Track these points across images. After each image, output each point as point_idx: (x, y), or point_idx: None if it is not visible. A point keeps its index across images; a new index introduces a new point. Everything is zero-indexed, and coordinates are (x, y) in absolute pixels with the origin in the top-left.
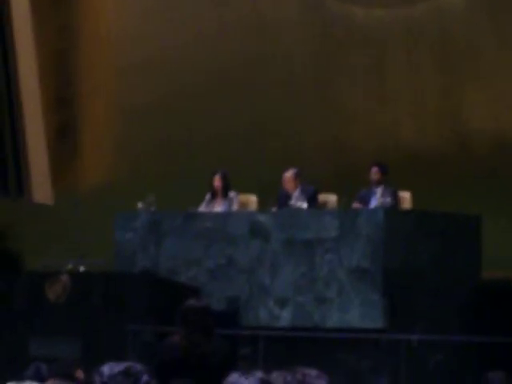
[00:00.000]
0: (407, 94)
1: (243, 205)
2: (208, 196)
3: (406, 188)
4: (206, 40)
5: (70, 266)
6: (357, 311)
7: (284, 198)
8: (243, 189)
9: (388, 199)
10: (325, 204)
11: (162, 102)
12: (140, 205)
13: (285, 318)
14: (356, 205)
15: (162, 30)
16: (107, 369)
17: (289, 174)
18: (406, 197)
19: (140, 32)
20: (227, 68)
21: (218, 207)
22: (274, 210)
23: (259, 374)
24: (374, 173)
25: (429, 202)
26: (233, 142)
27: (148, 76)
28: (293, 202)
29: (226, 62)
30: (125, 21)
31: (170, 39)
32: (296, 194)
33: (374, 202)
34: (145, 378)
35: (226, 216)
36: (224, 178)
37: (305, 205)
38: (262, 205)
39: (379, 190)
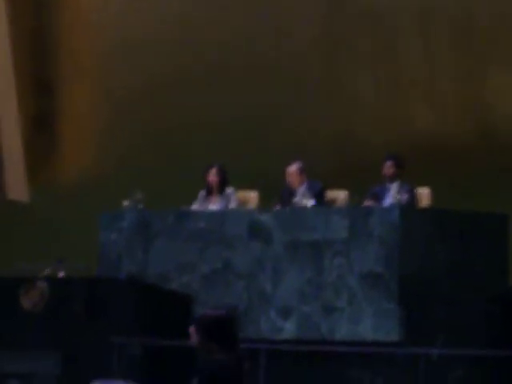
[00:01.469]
0: (423, 78)
1: (242, 202)
2: (202, 193)
3: (423, 184)
4: (203, 18)
5: (47, 271)
6: (369, 322)
7: (288, 195)
8: (242, 184)
9: (404, 196)
10: (333, 201)
11: (152, 88)
12: (126, 202)
13: (288, 329)
14: (368, 202)
15: (155, 3)
16: None
17: (293, 169)
18: (424, 193)
19: (128, 7)
20: (226, 52)
21: (214, 205)
22: (276, 208)
23: None
24: (389, 167)
25: (449, 199)
26: (231, 132)
27: (137, 59)
28: (297, 199)
29: (225, 45)
30: None
31: (162, 15)
32: (301, 190)
33: (389, 200)
34: None
35: (222, 215)
36: (220, 173)
37: (311, 202)
38: (263, 202)
39: (394, 186)
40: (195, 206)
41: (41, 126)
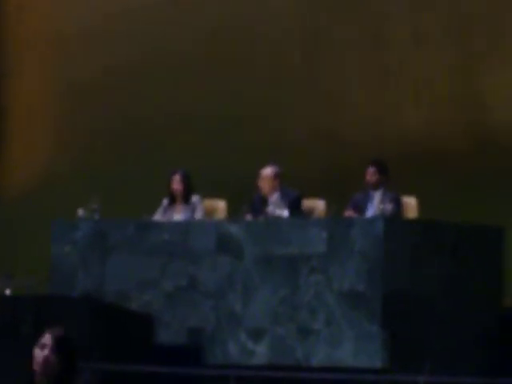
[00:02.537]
0: (412, 74)
1: (209, 212)
2: (165, 201)
3: (410, 192)
4: (170, 6)
5: None
6: (349, 346)
7: (260, 204)
8: (209, 192)
9: (388, 206)
10: (311, 212)
11: (112, 80)
12: (81, 211)
13: (260, 353)
14: (349, 213)
15: None
16: None
17: (267, 172)
18: (410, 203)
19: None
20: (194, 44)
21: (178, 215)
22: (247, 218)
23: None
24: (371, 173)
25: (439, 209)
26: (196, 134)
27: (96, 48)
28: (271, 208)
29: (193, 36)
30: None
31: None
32: (274, 198)
33: (372, 210)
34: None
35: (187, 226)
36: (185, 179)
37: (286, 212)
38: (233, 212)
39: (377, 195)
40: (157, 216)
41: None
